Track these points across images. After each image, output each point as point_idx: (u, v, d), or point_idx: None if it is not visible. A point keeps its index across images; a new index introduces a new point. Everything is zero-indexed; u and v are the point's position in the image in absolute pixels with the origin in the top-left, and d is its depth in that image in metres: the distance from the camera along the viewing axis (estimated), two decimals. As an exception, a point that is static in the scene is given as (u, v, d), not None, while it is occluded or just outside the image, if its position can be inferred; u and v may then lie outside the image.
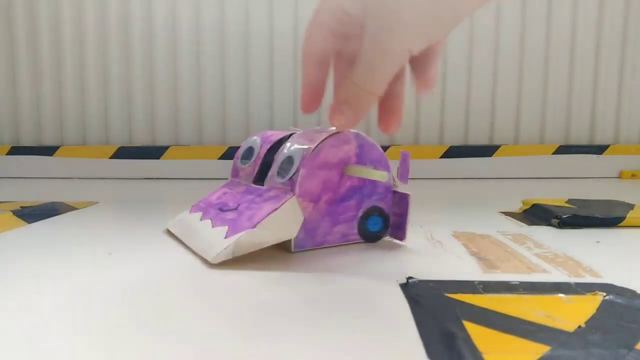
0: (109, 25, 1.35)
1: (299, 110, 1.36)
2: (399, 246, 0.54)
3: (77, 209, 0.80)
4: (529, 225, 0.67)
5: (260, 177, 0.58)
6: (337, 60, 0.45)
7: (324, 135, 0.51)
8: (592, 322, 0.31)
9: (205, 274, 0.43)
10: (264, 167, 0.58)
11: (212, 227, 0.52)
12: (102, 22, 1.35)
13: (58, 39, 1.36)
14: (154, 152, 1.36)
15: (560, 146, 1.36)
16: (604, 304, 0.35)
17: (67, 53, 1.37)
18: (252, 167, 0.60)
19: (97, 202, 0.88)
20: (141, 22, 1.35)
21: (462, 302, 0.35)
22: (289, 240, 0.50)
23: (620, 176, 1.37)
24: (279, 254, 0.50)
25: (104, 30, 1.36)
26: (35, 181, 1.29)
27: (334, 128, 0.53)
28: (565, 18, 1.34)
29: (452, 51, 1.34)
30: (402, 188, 0.56)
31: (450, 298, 0.36)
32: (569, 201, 0.78)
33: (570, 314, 0.33)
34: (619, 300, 0.35)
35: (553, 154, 1.36)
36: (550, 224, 0.66)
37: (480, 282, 0.40)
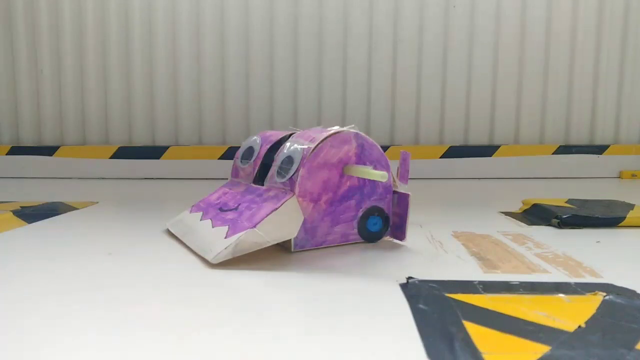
0: (108, 26, 1.35)
1: (299, 109, 1.37)
2: (399, 246, 0.54)
3: (77, 209, 0.80)
4: (529, 225, 0.67)
5: (260, 177, 0.58)
6: None
7: (323, 135, 0.51)
8: (592, 322, 0.31)
9: (205, 274, 0.43)
10: (263, 167, 0.58)
11: (212, 227, 0.52)
12: (102, 23, 1.35)
13: (58, 39, 1.36)
14: (154, 152, 1.36)
15: (560, 146, 1.36)
16: (604, 304, 0.35)
17: (67, 53, 1.36)
18: (252, 167, 0.60)
19: (97, 202, 0.88)
20: (141, 23, 1.35)
21: (462, 302, 0.35)
22: (289, 240, 0.50)
23: (620, 176, 1.37)
24: (279, 254, 0.50)
25: (104, 31, 1.36)
26: (35, 181, 1.29)
27: (334, 128, 0.53)
28: (565, 18, 1.34)
29: (452, 52, 1.34)
30: (402, 188, 0.56)
31: (450, 298, 0.36)
32: (569, 201, 0.78)
33: (570, 314, 0.33)
34: (619, 300, 0.35)
35: (553, 154, 1.36)
36: (550, 224, 0.66)
37: (480, 282, 0.40)
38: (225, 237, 0.48)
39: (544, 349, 0.28)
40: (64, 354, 0.28)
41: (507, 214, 0.75)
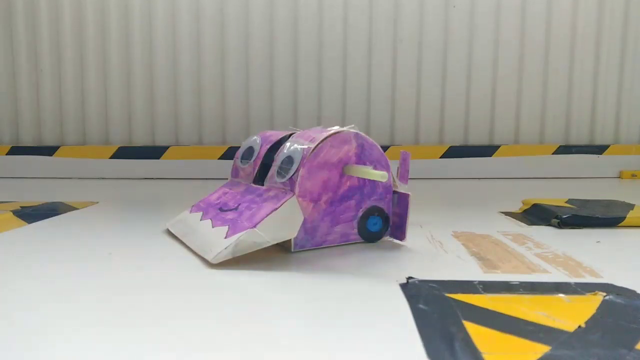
0: (108, 26, 1.35)
1: (299, 109, 1.37)
2: (399, 246, 0.54)
3: (77, 209, 0.80)
4: (529, 225, 0.67)
5: (260, 177, 0.58)
6: None
7: (323, 135, 0.51)
8: (592, 322, 0.31)
9: (205, 274, 0.43)
10: (263, 167, 0.58)
11: (212, 227, 0.52)
12: (102, 22, 1.35)
13: (58, 39, 1.36)
14: (154, 152, 1.36)
15: (560, 146, 1.36)
16: (604, 304, 0.35)
17: (67, 53, 1.37)
18: (252, 167, 0.60)
19: (97, 202, 0.88)
20: (141, 23, 1.35)
21: (462, 302, 0.35)
22: (289, 240, 0.50)
23: (620, 176, 1.37)
24: (279, 254, 0.50)
25: (104, 31, 1.36)
26: (35, 181, 1.29)
27: (334, 128, 0.53)
28: (565, 18, 1.34)
29: (452, 52, 1.34)
30: (402, 188, 0.56)
31: (450, 298, 0.36)
32: (569, 201, 0.78)
33: (570, 314, 0.33)
34: (619, 300, 0.35)
35: (553, 154, 1.36)
36: (550, 224, 0.66)
37: (480, 282, 0.40)
38: (225, 237, 0.48)
39: (544, 349, 0.28)
40: (63, 354, 0.28)
41: (507, 214, 0.75)
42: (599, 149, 1.36)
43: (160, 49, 1.35)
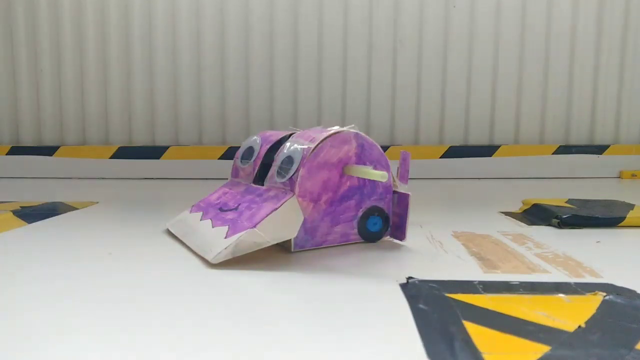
0: (108, 26, 1.35)
1: (299, 109, 1.37)
2: (399, 246, 0.54)
3: (77, 209, 0.80)
4: (529, 225, 0.67)
5: (260, 177, 0.58)
6: None
7: (323, 135, 0.51)
8: (592, 322, 0.31)
9: (205, 274, 0.43)
10: (263, 167, 0.58)
11: (212, 227, 0.52)
12: (102, 22, 1.35)
13: (58, 39, 1.36)
14: (154, 152, 1.36)
15: (560, 146, 1.36)
16: (604, 304, 0.35)
17: (67, 53, 1.36)
18: (252, 167, 0.60)
19: (97, 202, 0.88)
20: (141, 23, 1.35)
21: (462, 302, 0.35)
22: (289, 240, 0.50)
23: (620, 176, 1.36)
24: (279, 254, 0.50)
25: (104, 31, 1.36)
26: (35, 181, 1.29)
27: (334, 128, 0.53)
28: (565, 19, 1.34)
29: (452, 52, 1.34)
30: (402, 188, 0.56)
31: (450, 298, 0.36)
32: (569, 201, 0.78)
33: (570, 314, 0.33)
34: (619, 300, 0.35)
35: (553, 154, 1.36)
36: (550, 224, 0.66)
37: (480, 282, 0.40)
38: (225, 237, 0.48)
39: (544, 349, 0.28)
40: (63, 354, 0.28)
41: (507, 214, 0.75)
42: (599, 149, 1.36)
43: (160, 49, 1.35)
